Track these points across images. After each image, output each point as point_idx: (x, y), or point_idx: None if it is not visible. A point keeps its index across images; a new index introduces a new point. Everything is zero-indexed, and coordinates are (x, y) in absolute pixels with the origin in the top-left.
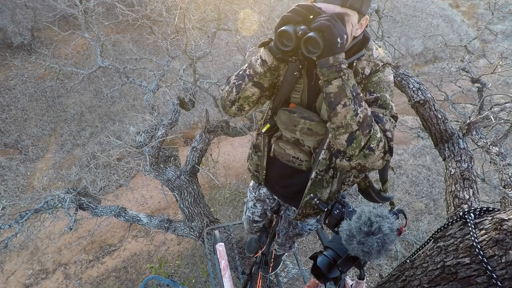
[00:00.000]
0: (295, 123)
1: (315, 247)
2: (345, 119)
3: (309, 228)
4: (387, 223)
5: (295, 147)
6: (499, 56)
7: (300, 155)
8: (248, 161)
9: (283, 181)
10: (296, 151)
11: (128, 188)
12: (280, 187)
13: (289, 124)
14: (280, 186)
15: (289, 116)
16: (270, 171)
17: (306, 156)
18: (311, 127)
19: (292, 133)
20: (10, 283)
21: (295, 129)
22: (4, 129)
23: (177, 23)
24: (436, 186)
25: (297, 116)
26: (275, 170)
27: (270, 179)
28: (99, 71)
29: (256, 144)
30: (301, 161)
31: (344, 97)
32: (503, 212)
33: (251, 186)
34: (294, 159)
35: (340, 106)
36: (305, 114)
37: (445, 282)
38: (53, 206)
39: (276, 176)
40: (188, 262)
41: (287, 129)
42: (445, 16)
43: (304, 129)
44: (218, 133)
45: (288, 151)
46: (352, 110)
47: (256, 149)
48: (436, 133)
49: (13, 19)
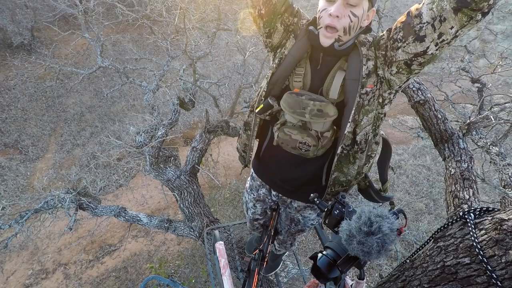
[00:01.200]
0: (304, 106)
1: (315, 247)
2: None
3: (311, 223)
4: (387, 223)
5: (302, 131)
6: (499, 56)
7: (308, 139)
8: (237, 141)
9: (287, 175)
10: (303, 135)
11: (128, 188)
12: (282, 182)
13: (297, 107)
14: (283, 181)
15: (296, 99)
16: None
17: (314, 141)
18: (321, 108)
19: (301, 116)
20: (10, 283)
21: (304, 112)
22: (4, 129)
23: (177, 23)
24: (436, 186)
25: (305, 98)
26: (277, 163)
27: (271, 174)
28: (99, 71)
29: (247, 121)
30: (309, 146)
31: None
32: (503, 212)
33: (248, 188)
34: (301, 145)
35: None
36: (313, 96)
37: (445, 282)
38: (53, 206)
39: (278, 169)
40: (188, 262)
41: (295, 112)
42: None
43: (314, 111)
44: (218, 133)
45: (295, 136)
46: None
47: (246, 126)
48: (436, 133)
49: (13, 19)
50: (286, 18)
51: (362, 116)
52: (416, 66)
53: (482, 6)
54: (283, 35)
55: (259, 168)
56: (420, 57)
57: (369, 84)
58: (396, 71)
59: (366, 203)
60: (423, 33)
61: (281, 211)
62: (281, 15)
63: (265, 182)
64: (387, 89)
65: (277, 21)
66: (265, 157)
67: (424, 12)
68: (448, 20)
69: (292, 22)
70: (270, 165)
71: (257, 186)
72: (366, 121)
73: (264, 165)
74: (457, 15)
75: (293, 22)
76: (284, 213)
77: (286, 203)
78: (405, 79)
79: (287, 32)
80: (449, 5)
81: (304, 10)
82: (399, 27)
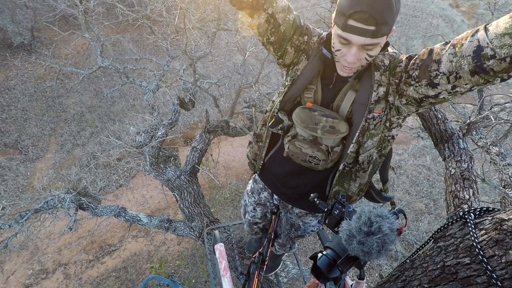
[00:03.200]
0: (316, 122)
1: (315, 247)
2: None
3: (312, 229)
4: (387, 223)
5: (313, 145)
6: None
7: (318, 154)
8: (248, 148)
9: (293, 182)
10: (314, 150)
11: (128, 188)
12: (286, 188)
13: (309, 122)
14: (287, 187)
15: (309, 114)
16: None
17: (324, 155)
18: (333, 124)
19: (313, 131)
20: (10, 283)
21: (316, 128)
22: (4, 129)
23: (177, 23)
24: (436, 186)
25: (318, 114)
26: (284, 170)
27: (276, 180)
28: (99, 71)
29: (259, 134)
30: (319, 160)
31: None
32: (503, 212)
33: (250, 190)
34: (311, 159)
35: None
36: (326, 112)
37: (445, 282)
38: (53, 206)
39: (284, 176)
40: (188, 262)
41: (307, 127)
42: (445, 16)
43: (326, 127)
44: (218, 133)
45: (305, 150)
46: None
47: (258, 138)
48: (436, 133)
49: (13, 19)
50: (295, 40)
51: (366, 139)
52: (426, 104)
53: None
54: (294, 55)
55: (263, 172)
56: (431, 98)
57: (377, 110)
58: (405, 102)
59: (366, 203)
60: (437, 81)
61: (282, 215)
62: (291, 39)
63: (268, 186)
64: (395, 114)
65: (287, 44)
66: (271, 163)
67: (444, 61)
68: (464, 79)
69: (302, 41)
70: (276, 171)
71: (259, 189)
72: (370, 144)
73: (269, 170)
74: (474, 77)
75: (303, 41)
76: (284, 218)
77: (287, 208)
78: (414, 110)
79: (298, 51)
80: (467, 66)
81: (304, 10)
82: (417, 64)
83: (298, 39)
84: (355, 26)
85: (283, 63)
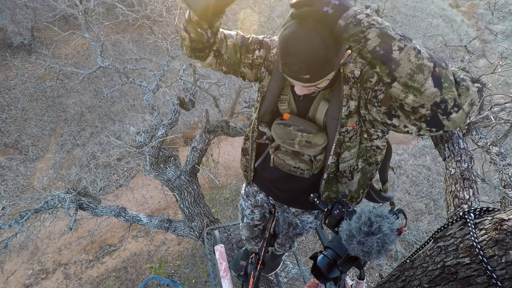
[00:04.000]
0: (292, 137)
1: (315, 247)
2: (411, 62)
3: (310, 226)
4: (387, 223)
5: (294, 157)
6: (499, 56)
7: (301, 165)
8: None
9: (284, 186)
10: (296, 161)
11: (128, 188)
12: (280, 191)
13: (286, 138)
14: (280, 190)
15: (285, 130)
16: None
17: (307, 165)
18: (309, 139)
19: (291, 146)
20: (10, 283)
21: (293, 142)
22: (4, 129)
23: (177, 23)
24: (436, 186)
25: (293, 129)
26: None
27: (269, 183)
28: (99, 71)
29: (244, 148)
30: (303, 170)
31: (393, 41)
32: (503, 212)
33: (244, 194)
34: (295, 169)
35: (396, 53)
36: (301, 126)
37: (445, 282)
38: (53, 206)
39: (275, 180)
40: (188, 262)
41: (285, 142)
42: (445, 16)
43: (303, 142)
44: (218, 133)
45: (288, 161)
46: (412, 49)
47: (244, 152)
48: None
49: (13, 19)
50: (244, 59)
51: (343, 151)
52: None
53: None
54: (254, 71)
55: (256, 175)
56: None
57: (350, 123)
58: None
59: (366, 203)
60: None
61: (278, 214)
62: (239, 61)
63: (262, 189)
64: (371, 127)
65: (239, 67)
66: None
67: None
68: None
69: (254, 58)
70: (267, 176)
71: (254, 192)
72: (348, 156)
73: (261, 174)
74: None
75: (256, 57)
76: (281, 217)
77: (284, 207)
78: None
79: (254, 68)
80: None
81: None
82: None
83: (246, 57)
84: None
85: (250, 80)
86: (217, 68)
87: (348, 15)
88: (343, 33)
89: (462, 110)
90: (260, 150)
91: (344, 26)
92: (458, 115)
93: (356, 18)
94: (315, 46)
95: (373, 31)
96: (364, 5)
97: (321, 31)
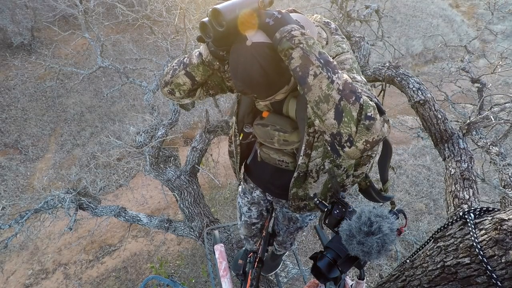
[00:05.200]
0: (270, 136)
1: (315, 247)
2: (321, 90)
3: (309, 218)
4: (387, 223)
5: (278, 151)
6: (499, 56)
7: (285, 158)
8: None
9: (277, 180)
10: (279, 155)
11: (128, 188)
12: (274, 187)
13: (266, 137)
14: (275, 186)
15: (263, 130)
16: (262, 173)
17: (290, 158)
18: (286, 138)
19: (271, 144)
20: (10, 283)
21: (272, 141)
22: (4, 129)
23: (177, 23)
24: (436, 186)
25: (270, 129)
26: (267, 171)
27: (263, 180)
28: (99, 71)
29: (230, 150)
30: (287, 163)
31: (311, 65)
32: (503, 212)
33: (241, 192)
34: (281, 162)
35: (311, 78)
36: (277, 126)
37: (445, 282)
38: (53, 206)
39: (268, 176)
40: (188, 262)
41: (266, 141)
42: (445, 16)
43: (281, 141)
44: (218, 133)
45: (273, 155)
46: (325, 78)
47: (230, 154)
48: (436, 133)
49: (13, 19)
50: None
51: (312, 151)
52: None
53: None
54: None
55: (250, 172)
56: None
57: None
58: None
59: (366, 203)
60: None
61: (277, 211)
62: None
63: (257, 185)
64: None
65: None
66: (254, 165)
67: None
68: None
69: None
70: (259, 172)
71: (250, 189)
72: (315, 155)
73: (253, 171)
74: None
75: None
76: (281, 214)
77: (282, 202)
78: None
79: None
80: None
81: (304, 10)
82: None
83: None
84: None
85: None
86: (204, 96)
87: (285, 29)
88: (277, 46)
89: (355, 147)
90: (250, 148)
91: (279, 39)
92: (351, 150)
93: (290, 33)
94: (254, 73)
95: (297, 51)
96: (364, 5)
97: (259, 58)
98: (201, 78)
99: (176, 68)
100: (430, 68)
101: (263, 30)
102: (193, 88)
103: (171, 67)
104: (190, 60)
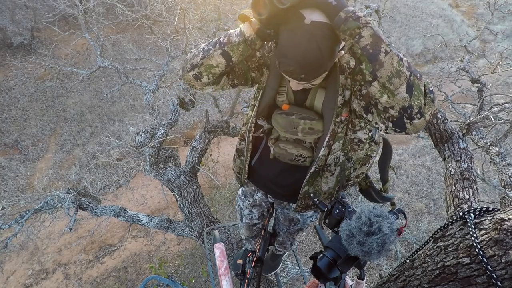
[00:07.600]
0: (295, 125)
1: (315, 247)
2: (392, 66)
3: (310, 220)
4: (387, 223)
5: (297, 145)
6: (499, 56)
7: (303, 152)
8: (232, 162)
9: (283, 181)
10: (298, 149)
11: (128, 188)
12: (280, 187)
13: (289, 127)
14: (280, 186)
15: (287, 119)
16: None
17: (309, 152)
18: (312, 126)
19: (294, 134)
20: (10, 283)
21: (296, 131)
22: (4, 129)
23: (177, 23)
24: (436, 186)
25: (295, 117)
26: (273, 171)
27: (267, 181)
28: (99, 71)
29: (239, 148)
30: (305, 157)
31: (382, 43)
32: (503, 212)
33: (241, 194)
34: (298, 157)
35: (382, 55)
36: (303, 114)
37: (445, 282)
38: (53, 206)
39: (275, 176)
40: (188, 262)
41: (288, 131)
42: (445, 16)
43: (306, 129)
44: (218, 133)
45: (290, 150)
46: (395, 56)
47: (239, 153)
48: (436, 133)
49: (13, 19)
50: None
51: (334, 142)
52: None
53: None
54: (260, 72)
55: (253, 175)
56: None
57: (344, 113)
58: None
59: (366, 203)
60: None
61: (278, 212)
62: (248, 68)
63: (259, 187)
64: (355, 117)
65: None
66: (260, 165)
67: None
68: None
69: (257, 59)
70: (265, 173)
71: (251, 192)
72: (337, 147)
73: (259, 173)
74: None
75: (258, 58)
76: (281, 215)
77: (283, 204)
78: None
79: (260, 68)
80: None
81: None
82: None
83: (252, 61)
84: (284, 72)
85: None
86: (227, 86)
87: (349, 10)
88: (341, 25)
89: (424, 118)
90: (255, 147)
91: (344, 18)
92: (420, 122)
93: (355, 14)
94: (310, 52)
95: (368, 30)
96: (364, 5)
97: (317, 38)
98: (237, 59)
99: (210, 49)
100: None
101: (323, 9)
102: (225, 70)
103: (198, 50)
104: (228, 39)
